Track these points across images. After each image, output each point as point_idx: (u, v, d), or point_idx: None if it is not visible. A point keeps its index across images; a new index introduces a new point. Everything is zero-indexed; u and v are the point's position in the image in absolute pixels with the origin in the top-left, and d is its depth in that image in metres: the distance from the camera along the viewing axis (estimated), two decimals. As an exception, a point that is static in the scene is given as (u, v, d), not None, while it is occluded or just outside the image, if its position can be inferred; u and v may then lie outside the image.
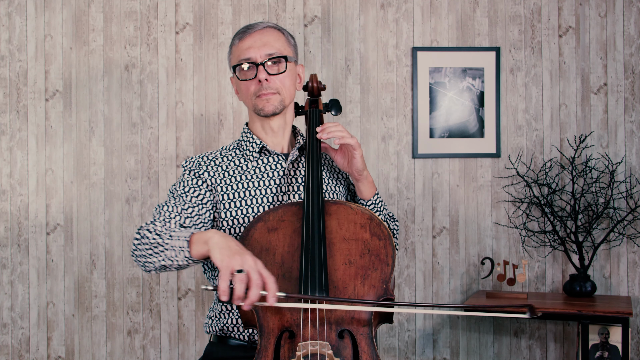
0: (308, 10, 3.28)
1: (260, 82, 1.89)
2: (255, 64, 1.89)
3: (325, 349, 1.58)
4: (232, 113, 3.26)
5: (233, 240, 1.61)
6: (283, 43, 1.93)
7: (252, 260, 1.53)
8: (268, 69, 1.89)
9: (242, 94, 1.96)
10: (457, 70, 3.28)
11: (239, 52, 1.92)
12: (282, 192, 1.93)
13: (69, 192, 3.24)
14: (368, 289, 1.67)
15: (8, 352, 3.22)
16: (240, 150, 2.00)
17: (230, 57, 1.97)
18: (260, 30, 1.91)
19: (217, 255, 1.56)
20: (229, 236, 1.63)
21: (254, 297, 1.50)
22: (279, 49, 1.91)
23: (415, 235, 3.29)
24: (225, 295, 1.49)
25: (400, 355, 3.30)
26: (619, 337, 2.97)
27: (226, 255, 1.54)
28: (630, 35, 3.27)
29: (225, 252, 1.55)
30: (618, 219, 3.20)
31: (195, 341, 3.26)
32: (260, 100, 1.91)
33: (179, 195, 1.89)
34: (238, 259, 1.52)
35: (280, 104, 1.92)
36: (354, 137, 1.93)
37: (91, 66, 3.25)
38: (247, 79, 1.91)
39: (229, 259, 1.53)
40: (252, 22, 3.24)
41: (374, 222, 1.75)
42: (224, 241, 1.59)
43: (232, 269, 1.51)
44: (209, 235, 1.63)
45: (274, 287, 1.53)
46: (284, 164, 1.96)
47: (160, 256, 1.72)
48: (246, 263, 1.52)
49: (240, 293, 1.49)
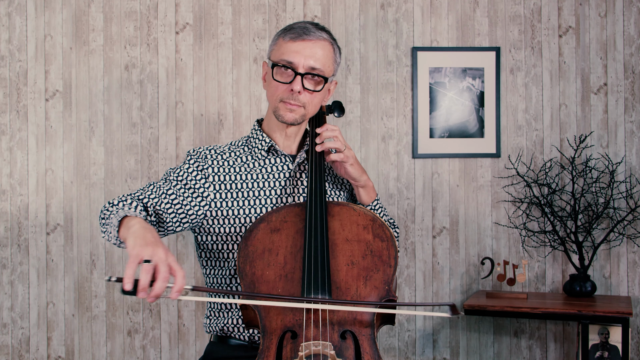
0: (308, 10, 3.28)
1: (292, 90, 1.84)
2: (295, 71, 1.83)
3: (328, 349, 1.58)
4: (232, 113, 3.26)
5: (152, 232, 1.57)
6: (330, 60, 1.88)
7: (164, 253, 1.48)
8: (305, 83, 1.84)
9: (270, 91, 1.90)
10: (457, 70, 3.28)
11: (284, 51, 1.85)
12: (286, 193, 1.93)
13: (69, 192, 3.23)
14: (370, 290, 1.68)
15: (8, 352, 3.22)
16: (248, 148, 1.98)
17: (273, 47, 1.89)
18: (314, 40, 1.85)
19: (131, 243, 1.53)
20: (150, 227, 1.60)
21: (159, 290, 1.44)
22: (323, 67, 1.85)
23: (415, 235, 3.29)
24: (129, 284, 1.42)
25: (400, 355, 3.30)
26: (619, 337, 2.97)
27: (138, 244, 1.50)
28: (630, 35, 3.27)
29: (139, 242, 1.51)
30: (618, 219, 3.20)
31: (195, 341, 3.26)
32: (284, 106, 1.86)
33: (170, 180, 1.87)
34: (149, 249, 1.48)
35: (301, 117, 1.89)
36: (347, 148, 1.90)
37: (91, 66, 3.24)
38: (281, 81, 1.85)
39: (140, 247, 1.48)
40: (252, 22, 3.25)
41: (376, 224, 1.75)
42: (141, 231, 1.56)
43: (140, 258, 1.46)
44: (132, 222, 1.61)
45: (180, 282, 1.47)
46: (291, 166, 1.95)
47: (105, 228, 1.72)
48: (156, 255, 1.47)
49: (145, 284, 1.43)
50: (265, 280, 1.68)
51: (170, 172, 1.90)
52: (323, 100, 1.96)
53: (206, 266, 1.97)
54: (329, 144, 1.89)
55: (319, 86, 1.87)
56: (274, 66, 1.85)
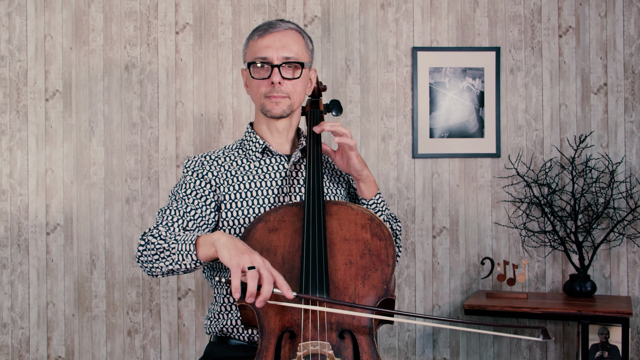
0: (308, 10, 3.28)
1: (272, 83, 1.87)
2: (270, 64, 1.87)
3: (326, 349, 1.58)
4: (232, 113, 3.26)
5: (239, 240, 1.62)
6: (302, 47, 1.91)
7: (261, 259, 1.56)
8: (283, 72, 1.87)
9: (252, 91, 1.94)
10: (457, 70, 3.28)
11: (256, 49, 1.89)
12: (283, 193, 1.93)
13: (69, 192, 3.24)
14: (369, 289, 1.68)
15: (8, 352, 3.22)
16: (242, 150, 1.99)
17: (245, 51, 1.94)
18: (282, 31, 1.89)
19: (226, 254, 1.58)
20: (234, 237, 1.65)
21: (267, 293, 1.52)
22: (297, 54, 1.89)
23: (415, 235, 3.29)
24: (238, 292, 1.50)
25: (400, 355, 3.30)
26: (619, 337, 2.97)
27: (234, 254, 1.56)
28: (630, 35, 3.27)
29: (234, 252, 1.57)
30: (618, 219, 3.20)
31: (195, 341, 3.26)
32: (269, 101, 1.90)
33: (180, 198, 1.89)
34: (247, 257, 1.55)
35: (288, 108, 1.91)
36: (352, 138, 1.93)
37: (91, 66, 3.24)
38: (260, 77, 1.89)
39: (238, 257, 1.55)
40: (252, 22, 3.25)
41: (374, 223, 1.75)
42: (231, 242, 1.61)
43: (242, 266, 1.53)
44: (215, 237, 1.64)
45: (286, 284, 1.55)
46: (286, 165, 1.96)
47: (167, 261, 1.72)
48: (255, 261, 1.54)
49: (253, 289, 1.51)
50: (264, 280, 1.68)
51: (176, 191, 1.91)
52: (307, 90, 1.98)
53: (206, 266, 1.97)
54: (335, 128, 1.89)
55: (297, 72, 1.90)
56: (250, 65, 1.89)
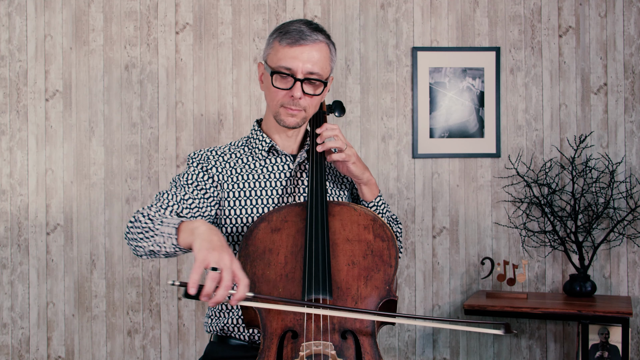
0: (308, 10, 3.28)
1: (292, 96, 1.84)
2: (294, 77, 1.83)
3: (329, 349, 1.58)
4: (232, 113, 3.26)
5: (218, 234, 1.58)
6: (327, 62, 1.87)
7: (229, 260, 1.49)
8: (305, 88, 1.84)
9: (269, 96, 1.90)
10: (457, 70, 3.28)
11: (281, 56, 1.84)
12: (287, 193, 1.93)
13: (69, 192, 3.23)
14: (371, 290, 1.68)
15: (8, 352, 3.22)
16: (249, 148, 1.98)
17: (269, 51, 1.88)
18: (312, 45, 1.83)
19: (197, 245, 1.54)
20: (214, 229, 1.60)
21: (220, 298, 1.46)
22: (322, 70, 1.85)
23: (415, 235, 3.29)
24: (194, 287, 1.45)
25: (400, 355, 3.30)
26: (619, 337, 2.97)
27: (205, 248, 1.51)
28: (630, 35, 3.27)
29: (205, 245, 1.52)
30: (618, 219, 3.20)
31: (195, 341, 3.26)
32: (285, 111, 1.87)
33: (181, 185, 1.88)
34: (216, 255, 1.49)
35: (302, 120, 1.89)
36: (348, 146, 1.90)
37: (91, 66, 3.24)
38: (281, 88, 1.85)
39: (207, 252, 1.50)
40: (252, 22, 3.25)
41: (377, 224, 1.75)
42: (207, 234, 1.57)
43: (207, 263, 1.48)
44: (195, 225, 1.61)
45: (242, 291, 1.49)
46: (291, 166, 1.96)
47: (150, 241, 1.71)
48: (222, 261, 1.48)
49: (209, 291, 1.45)
50: (266, 280, 1.68)
51: (178, 178, 1.91)
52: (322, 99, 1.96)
53: None
54: (330, 144, 1.88)
55: (318, 90, 1.87)
56: (273, 73, 1.85)
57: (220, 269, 1.47)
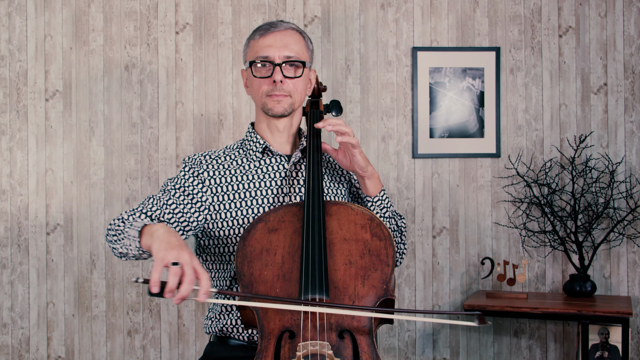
0: (308, 10, 3.28)
1: (274, 82, 1.88)
2: (272, 63, 1.88)
3: (326, 349, 1.58)
4: (232, 113, 3.26)
5: (176, 235, 1.60)
6: (302, 47, 1.93)
7: (189, 256, 1.51)
8: (284, 71, 1.88)
9: (253, 90, 1.94)
10: (457, 70, 3.28)
11: (257, 48, 1.90)
12: (283, 193, 1.93)
13: (69, 192, 3.24)
14: (368, 289, 1.68)
15: (8, 352, 3.22)
16: (243, 150, 1.99)
17: (246, 51, 1.95)
18: (283, 31, 1.90)
19: (156, 246, 1.56)
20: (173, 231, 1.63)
21: (185, 292, 1.47)
22: (298, 53, 1.90)
23: (415, 235, 3.29)
24: (156, 286, 1.46)
25: (400, 355, 3.30)
26: (619, 337, 2.97)
27: (163, 248, 1.53)
28: (630, 35, 3.27)
29: (164, 245, 1.55)
30: (618, 219, 3.20)
31: (195, 341, 3.26)
32: (270, 100, 1.90)
33: (168, 190, 1.90)
34: (174, 252, 1.51)
35: (290, 106, 1.92)
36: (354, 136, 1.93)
37: (91, 66, 3.25)
38: (261, 76, 1.90)
39: (165, 251, 1.52)
40: (252, 22, 3.25)
41: (374, 223, 1.75)
42: (165, 235, 1.59)
43: (166, 261, 1.49)
44: (155, 228, 1.64)
45: (206, 284, 1.50)
46: (286, 165, 1.96)
47: (120, 243, 1.74)
48: (182, 257, 1.50)
49: (172, 286, 1.46)
50: (263, 280, 1.68)
51: (167, 182, 1.93)
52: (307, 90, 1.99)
53: (210, 270, 1.98)
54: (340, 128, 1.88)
55: (298, 71, 1.91)
56: (252, 64, 1.90)
57: (180, 264, 1.49)
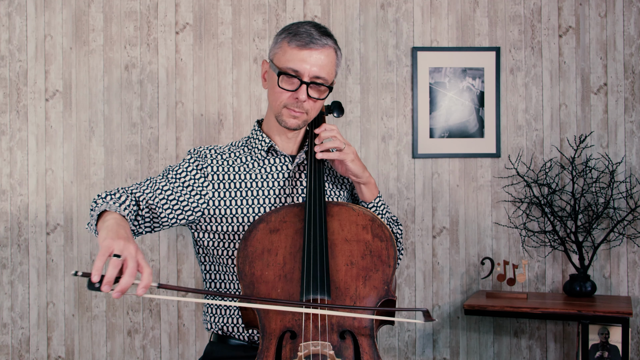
0: (308, 10, 3.28)
1: (297, 99, 1.84)
2: (300, 80, 1.83)
3: (327, 349, 1.59)
4: (232, 113, 3.26)
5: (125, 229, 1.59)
6: (333, 67, 1.88)
7: (134, 249, 1.49)
8: (310, 92, 1.85)
9: (272, 96, 1.90)
10: (457, 70, 3.28)
11: (289, 57, 1.84)
12: (285, 194, 1.93)
13: (69, 192, 3.24)
14: (370, 290, 1.68)
15: (8, 352, 3.22)
16: (248, 148, 1.98)
17: (277, 50, 1.88)
18: (321, 49, 1.84)
19: (103, 235, 1.55)
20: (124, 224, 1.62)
21: (124, 285, 1.44)
22: (328, 75, 1.86)
23: (415, 235, 3.29)
24: (98, 274, 1.42)
25: (400, 355, 3.30)
26: (619, 337, 2.97)
27: (110, 237, 1.51)
28: (630, 35, 3.27)
29: (111, 235, 1.53)
30: (618, 219, 3.20)
31: (195, 341, 3.26)
32: (287, 113, 1.87)
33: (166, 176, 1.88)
34: (120, 243, 1.49)
35: (303, 123, 1.90)
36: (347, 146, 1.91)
37: (91, 66, 3.24)
38: (286, 89, 1.85)
39: (112, 240, 1.49)
40: (252, 22, 3.25)
41: (375, 224, 1.75)
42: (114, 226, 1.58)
43: (110, 250, 1.47)
44: (108, 217, 1.63)
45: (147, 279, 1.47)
46: (290, 166, 1.96)
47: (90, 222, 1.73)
48: (126, 249, 1.48)
49: (110, 277, 1.43)
50: (265, 281, 1.69)
51: (169, 169, 1.91)
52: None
53: (204, 262, 1.98)
54: (329, 144, 1.89)
55: (323, 94, 1.88)
56: (280, 74, 1.85)
57: (124, 257, 1.46)
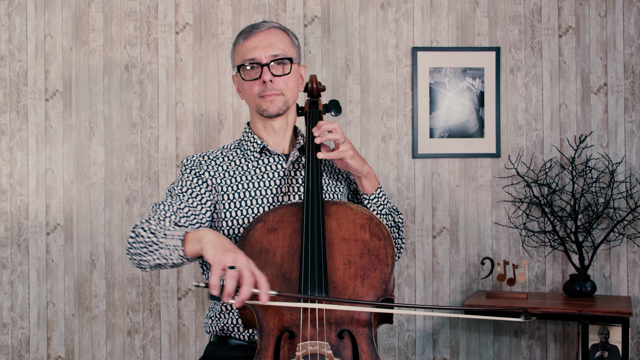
0: (308, 10, 3.28)
1: (264, 83, 1.88)
2: (260, 64, 1.89)
3: (325, 349, 1.58)
4: (232, 113, 3.26)
5: (226, 239, 1.61)
6: (288, 44, 1.93)
7: (244, 259, 1.53)
8: (273, 70, 1.89)
9: (245, 94, 1.95)
10: (457, 70, 3.28)
11: (243, 52, 1.91)
12: (282, 192, 1.93)
13: (69, 192, 3.24)
14: (368, 289, 1.68)
15: (8, 352, 3.23)
16: (241, 150, 2.00)
17: (233, 56, 1.96)
18: (266, 31, 1.91)
19: (210, 251, 1.57)
20: (222, 235, 1.63)
21: (245, 295, 1.49)
22: (284, 50, 1.91)
23: (415, 235, 3.29)
24: (216, 289, 1.48)
25: (400, 355, 3.30)
26: (619, 337, 2.97)
27: (219, 252, 1.54)
28: (630, 35, 3.27)
29: (218, 249, 1.56)
30: (618, 219, 3.20)
31: (195, 341, 3.26)
32: (264, 101, 1.91)
33: (176, 194, 1.89)
34: (230, 255, 1.52)
35: (284, 105, 1.93)
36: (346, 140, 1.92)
37: (91, 66, 3.25)
38: (251, 79, 1.91)
39: (221, 255, 1.53)
40: (252, 22, 3.25)
41: (373, 223, 1.75)
42: (217, 239, 1.60)
43: (224, 265, 1.51)
44: (202, 234, 1.64)
45: (265, 286, 1.52)
46: (285, 165, 1.96)
47: (154, 254, 1.72)
48: (238, 260, 1.52)
49: (231, 289, 1.48)
50: (263, 280, 1.68)
51: (172, 188, 1.93)
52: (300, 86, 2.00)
53: (205, 262, 1.98)
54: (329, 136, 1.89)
55: (286, 68, 1.92)
56: (240, 68, 1.91)
57: (238, 267, 1.50)
